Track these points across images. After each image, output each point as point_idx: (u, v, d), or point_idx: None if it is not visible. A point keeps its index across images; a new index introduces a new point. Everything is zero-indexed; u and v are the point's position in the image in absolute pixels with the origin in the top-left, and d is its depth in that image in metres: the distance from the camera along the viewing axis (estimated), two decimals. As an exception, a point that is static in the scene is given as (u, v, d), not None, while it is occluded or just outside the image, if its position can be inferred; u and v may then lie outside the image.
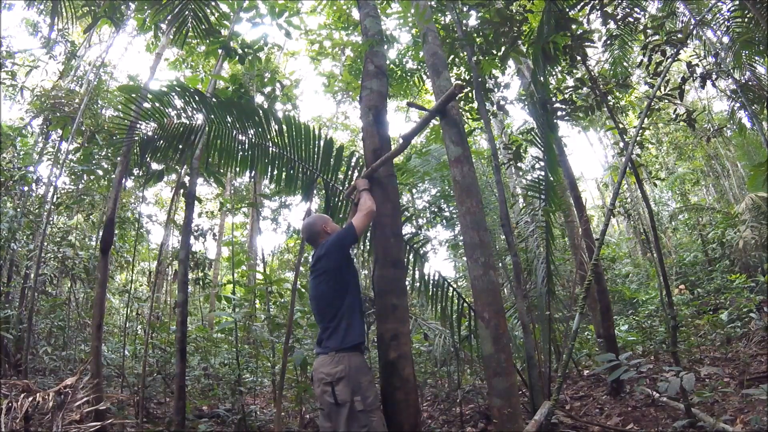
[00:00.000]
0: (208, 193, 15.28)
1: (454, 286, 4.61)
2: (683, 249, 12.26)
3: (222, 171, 5.60)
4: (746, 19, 5.50)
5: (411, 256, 4.44)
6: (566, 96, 5.11)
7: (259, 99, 5.30)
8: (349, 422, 2.42)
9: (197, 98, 3.87)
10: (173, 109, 3.91)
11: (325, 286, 2.73)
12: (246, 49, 4.92)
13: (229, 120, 3.94)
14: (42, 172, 8.06)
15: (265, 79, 5.49)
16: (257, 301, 6.17)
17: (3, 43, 7.44)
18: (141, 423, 4.61)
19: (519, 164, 5.69)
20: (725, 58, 6.07)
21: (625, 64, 6.36)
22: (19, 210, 6.70)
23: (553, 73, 5.30)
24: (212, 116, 3.94)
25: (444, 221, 6.29)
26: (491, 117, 5.55)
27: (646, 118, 4.95)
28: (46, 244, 6.99)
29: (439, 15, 5.34)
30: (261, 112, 3.95)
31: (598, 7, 4.58)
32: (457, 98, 3.32)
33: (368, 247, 4.16)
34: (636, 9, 5.09)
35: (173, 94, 3.84)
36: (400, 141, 3.42)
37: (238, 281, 8.88)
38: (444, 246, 7.80)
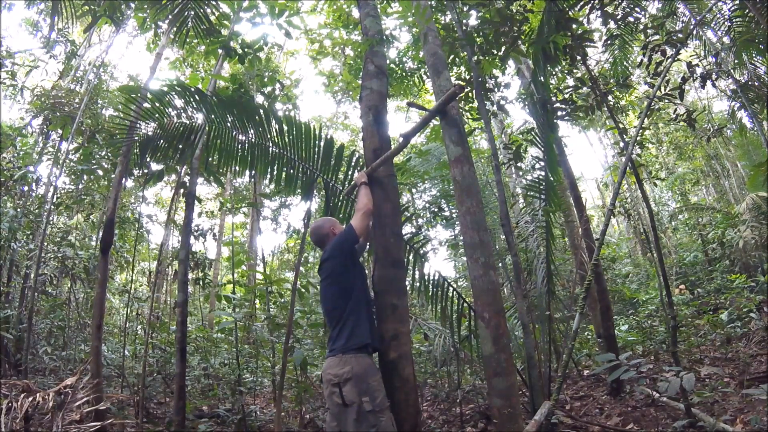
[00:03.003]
0: (208, 193, 15.29)
1: (454, 286, 4.60)
2: (683, 249, 12.26)
3: (222, 171, 5.60)
4: (746, 19, 5.49)
5: (411, 256, 4.44)
6: (566, 96, 5.11)
7: (259, 99, 5.30)
8: (358, 423, 2.42)
9: (197, 98, 3.87)
10: (173, 109, 3.92)
11: (330, 289, 2.77)
12: (246, 49, 4.92)
13: (229, 120, 3.94)
14: (42, 172, 8.07)
15: (265, 79, 5.49)
16: (257, 301, 6.17)
17: (3, 43, 7.44)
18: (141, 423, 4.61)
19: (519, 164, 5.68)
20: (725, 58, 6.07)
21: (625, 64, 6.35)
22: (19, 210, 6.70)
23: (553, 73, 5.30)
24: (212, 116, 3.94)
25: (444, 221, 6.29)
26: (491, 117, 5.55)
27: (646, 118, 4.95)
28: (46, 244, 6.99)
29: (439, 15, 5.34)
30: (261, 111, 3.95)
31: (598, 7, 4.58)
32: (457, 98, 3.32)
33: (368, 247, 4.15)
34: (636, 9, 5.09)
35: (173, 93, 3.84)
36: (400, 140, 3.42)
37: (238, 281, 8.88)
38: (444, 246, 7.80)
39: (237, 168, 4.16)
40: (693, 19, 5.46)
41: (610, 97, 5.95)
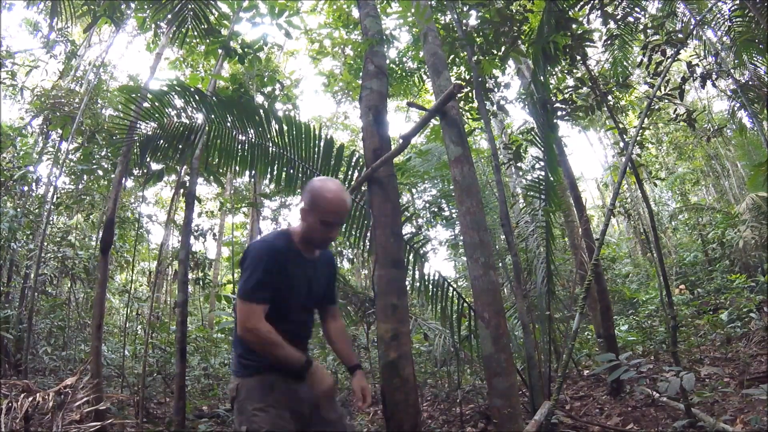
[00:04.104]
0: (208, 193, 15.27)
1: (454, 286, 4.60)
2: (683, 249, 12.26)
3: (222, 171, 5.60)
4: (746, 19, 5.49)
5: (411, 256, 4.43)
6: (566, 96, 5.11)
7: (259, 99, 5.30)
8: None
9: (197, 97, 3.87)
10: (173, 109, 3.92)
11: None
12: (246, 49, 4.92)
13: (229, 120, 3.94)
14: (42, 172, 8.08)
15: (265, 79, 5.49)
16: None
17: (3, 43, 7.44)
18: (141, 423, 4.62)
19: (519, 164, 5.68)
20: (725, 58, 6.06)
21: (625, 64, 6.35)
22: (19, 210, 6.70)
23: (553, 73, 5.30)
24: (212, 116, 3.94)
25: (444, 221, 6.28)
26: (491, 117, 5.55)
27: (646, 118, 4.96)
28: (46, 244, 6.99)
29: (439, 15, 5.33)
30: (261, 111, 3.95)
31: (598, 7, 4.58)
32: (456, 98, 3.32)
33: (368, 247, 4.15)
34: (636, 9, 5.09)
35: (173, 93, 3.84)
36: (400, 141, 3.42)
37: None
38: (444, 246, 7.79)
39: (237, 168, 4.16)
40: (693, 19, 5.46)
41: (610, 97, 5.94)
